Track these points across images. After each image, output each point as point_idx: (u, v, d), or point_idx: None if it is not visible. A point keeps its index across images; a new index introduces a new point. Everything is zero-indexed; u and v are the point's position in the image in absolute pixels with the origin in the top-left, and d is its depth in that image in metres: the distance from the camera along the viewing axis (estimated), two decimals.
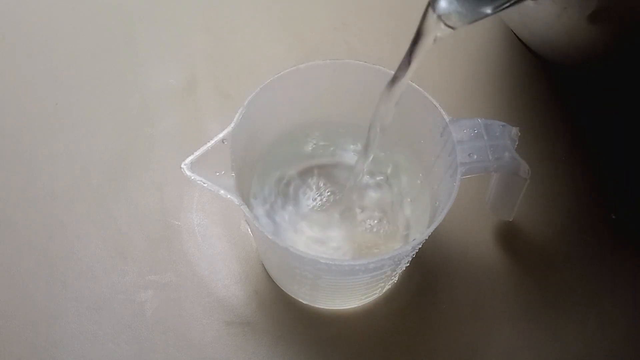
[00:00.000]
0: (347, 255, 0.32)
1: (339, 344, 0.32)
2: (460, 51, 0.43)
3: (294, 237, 0.32)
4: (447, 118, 0.28)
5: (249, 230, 0.34)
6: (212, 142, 0.26)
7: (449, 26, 0.22)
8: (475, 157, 0.27)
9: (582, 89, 0.41)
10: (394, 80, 0.25)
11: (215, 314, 0.32)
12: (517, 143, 0.28)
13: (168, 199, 0.36)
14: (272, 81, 0.28)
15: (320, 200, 0.33)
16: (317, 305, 0.32)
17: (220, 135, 0.26)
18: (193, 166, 0.25)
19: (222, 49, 0.43)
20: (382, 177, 0.34)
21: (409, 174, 0.32)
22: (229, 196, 0.25)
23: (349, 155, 0.34)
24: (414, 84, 0.29)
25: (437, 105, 0.28)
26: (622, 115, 0.40)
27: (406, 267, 0.31)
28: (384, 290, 0.33)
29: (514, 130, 0.28)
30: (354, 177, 0.30)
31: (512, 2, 0.21)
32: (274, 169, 0.34)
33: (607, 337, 0.32)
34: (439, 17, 0.21)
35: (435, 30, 0.22)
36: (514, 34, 0.41)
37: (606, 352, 0.32)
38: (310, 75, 0.29)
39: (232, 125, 0.27)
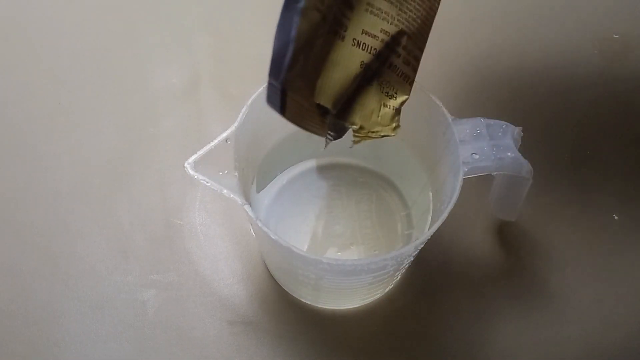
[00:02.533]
0: (350, 255, 0.32)
1: (341, 344, 0.32)
2: (463, 51, 0.43)
3: (296, 237, 0.32)
4: (449, 117, 0.28)
5: (252, 229, 0.34)
6: (216, 141, 0.26)
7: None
8: (477, 157, 0.27)
9: (583, 90, 0.41)
10: None
11: (218, 313, 0.32)
12: (519, 143, 0.28)
13: (171, 199, 0.36)
14: None
15: (323, 199, 0.33)
16: (319, 305, 0.32)
17: (224, 135, 0.26)
18: (196, 165, 0.25)
19: (225, 49, 0.43)
20: (384, 177, 0.34)
21: (412, 173, 0.32)
22: (232, 196, 0.25)
23: (352, 155, 0.34)
24: (416, 84, 0.29)
25: (440, 104, 0.28)
26: (623, 116, 0.40)
27: (408, 267, 0.31)
28: (386, 291, 0.33)
29: (517, 130, 0.28)
30: None
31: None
32: (276, 168, 0.34)
33: (608, 337, 0.32)
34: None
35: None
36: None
37: (607, 352, 0.32)
38: None
39: (236, 124, 0.27)
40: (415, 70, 0.25)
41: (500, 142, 0.28)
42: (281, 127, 0.32)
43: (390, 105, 0.25)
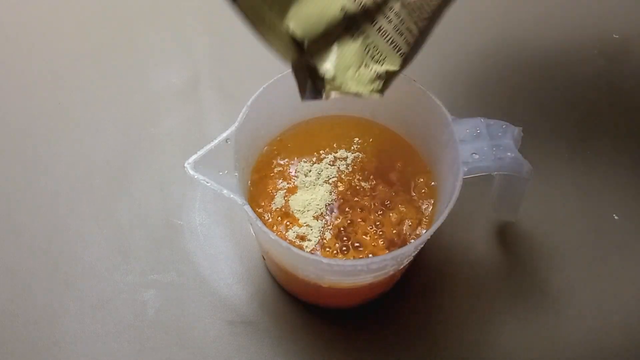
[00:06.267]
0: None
1: (341, 344, 0.32)
2: (464, 51, 0.43)
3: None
4: (450, 117, 0.28)
5: (252, 229, 0.34)
6: (216, 141, 0.26)
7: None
8: (477, 157, 0.27)
9: (583, 89, 0.41)
10: None
11: (218, 313, 0.32)
12: (520, 143, 0.28)
13: (171, 199, 0.36)
14: (275, 80, 0.28)
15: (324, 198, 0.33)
16: (319, 305, 0.32)
17: (224, 135, 0.26)
18: (196, 165, 0.25)
19: (225, 49, 0.43)
20: (384, 176, 0.34)
21: (412, 173, 0.32)
22: (232, 196, 0.25)
23: (351, 153, 0.34)
24: (417, 84, 0.29)
25: (441, 104, 0.28)
26: (623, 115, 0.40)
27: (408, 267, 0.31)
28: (386, 291, 0.33)
29: (517, 131, 0.28)
30: None
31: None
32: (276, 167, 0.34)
33: (608, 337, 0.32)
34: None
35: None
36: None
37: (607, 352, 0.32)
38: None
39: (236, 124, 0.27)
40: (409, 44, 0.24)
41: (500, 142, 0.28)
42: (281, 125, 0.32)
43: (372, 68, 0.24)
